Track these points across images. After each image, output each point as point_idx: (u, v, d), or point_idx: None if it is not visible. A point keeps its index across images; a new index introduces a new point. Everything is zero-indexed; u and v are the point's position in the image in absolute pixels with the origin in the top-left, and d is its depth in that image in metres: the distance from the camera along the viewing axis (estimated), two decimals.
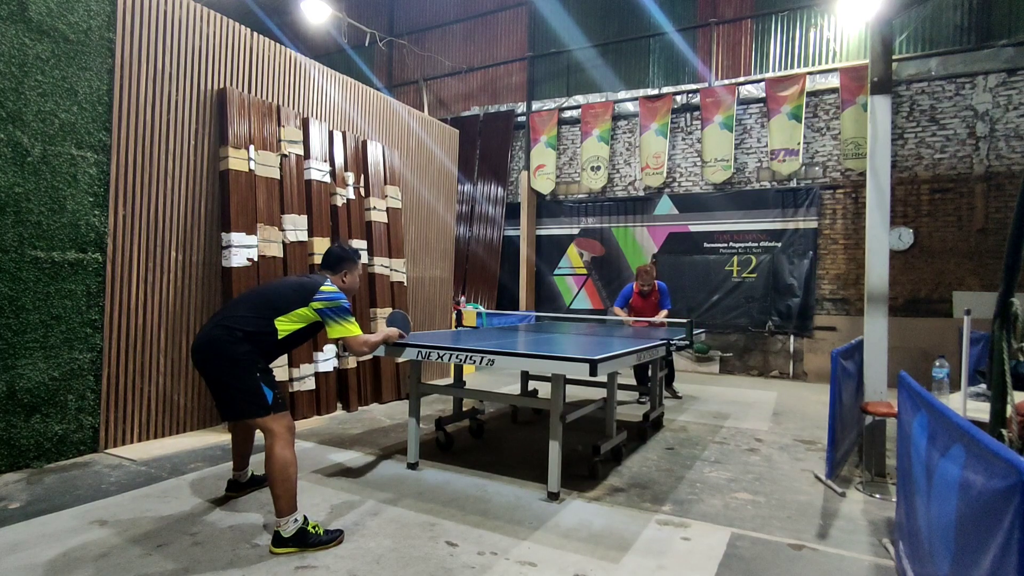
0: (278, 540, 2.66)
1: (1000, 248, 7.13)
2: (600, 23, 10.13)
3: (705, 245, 9.10)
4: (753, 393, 7.19)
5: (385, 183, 6.34)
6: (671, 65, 9.59)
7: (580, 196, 10.20)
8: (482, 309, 9.04)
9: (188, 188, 4.64)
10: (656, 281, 6.46)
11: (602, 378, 3.55)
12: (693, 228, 9.20)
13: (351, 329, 2.96)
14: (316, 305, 2.92)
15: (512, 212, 10.64)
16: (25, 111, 3.62)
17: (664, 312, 6.35)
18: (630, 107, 9.74)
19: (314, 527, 2.73)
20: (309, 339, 3.13)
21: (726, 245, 8.96)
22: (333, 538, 2.74)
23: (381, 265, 6.10)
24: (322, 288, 2.95)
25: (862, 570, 2.63)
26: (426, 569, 2.53)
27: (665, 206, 9.43)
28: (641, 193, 9.66)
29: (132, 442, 4.23)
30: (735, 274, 8.89)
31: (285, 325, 2.91)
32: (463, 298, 10.09)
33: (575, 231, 10.26)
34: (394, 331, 3.50)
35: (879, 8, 4.17)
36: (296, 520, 2.68)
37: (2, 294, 3.52)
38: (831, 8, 8.35)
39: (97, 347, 4.01)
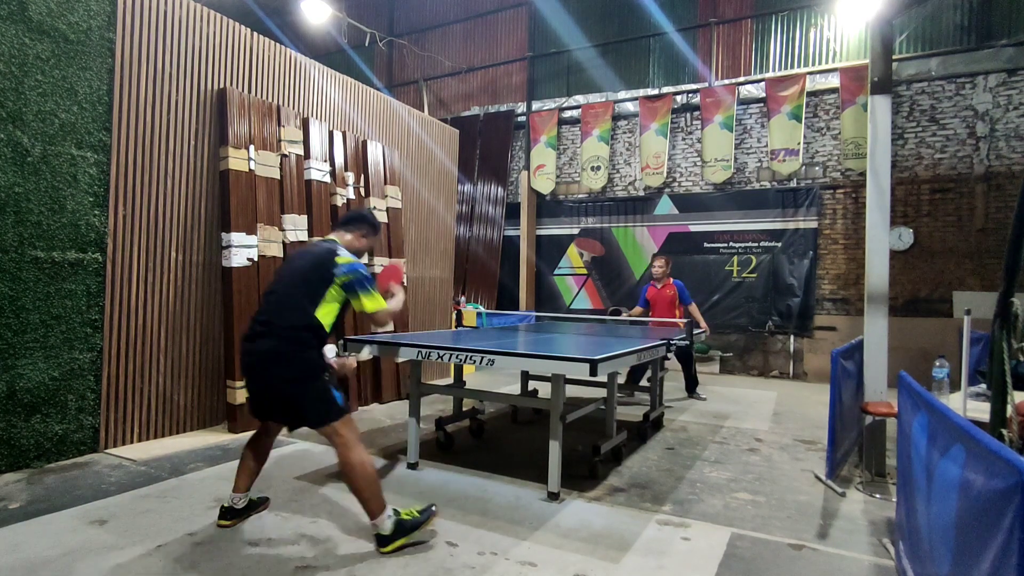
0: (382, 541, 2.63)
1: (1000, 248, 7.13)
2: (600, 23, 10.13)
3: (705, 245, 9.10)
4: (753, 393, 7.18)
5: (385, 183, 6.34)
6: (671, 65, 9.59)
7: (580, 196, 10.19)
8: (482, 309, 9.04)
9: (188, 188, 4.64)
10: (671, 278, 6.63)
11: (602, 378, 3.55)
12: (693, 228, 9.20)
13: (379, 301, 2.81)
14: (341, 280, 2.74)
15: (512, 212, 10.64)
16: (25, 111, 3.62)
17: (693, 306, 6.50)
18: (630, 107, 9.74)
19: (407, 513, 2.72)
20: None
21: (726, 245, 8.96)
22: (429, 514, 2.77)
23: (381, 265, 6.10)
24: (339, 260, 2.76)
25: (862, 570, 2.63)
26: (426, 569, 2.53)
27: (665, 206, 9.43)
28: (641, 193, 9.66)
29: (132, 442, 4.23)
30: (735, 274, 8.89)
31: (327, 314, 2.76)
32: (463, 298, 10.09)
33: (575, 231, 10.26)
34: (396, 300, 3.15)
35: (879, 8, 4.16)
36: (389, 516, 2.64)
37: (2, 294, 3.52)
38: (831, 8, 8.34)
39: (97, 347, 4.01)
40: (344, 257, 2.78)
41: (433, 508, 2.82)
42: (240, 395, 4.66)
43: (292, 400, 2.68)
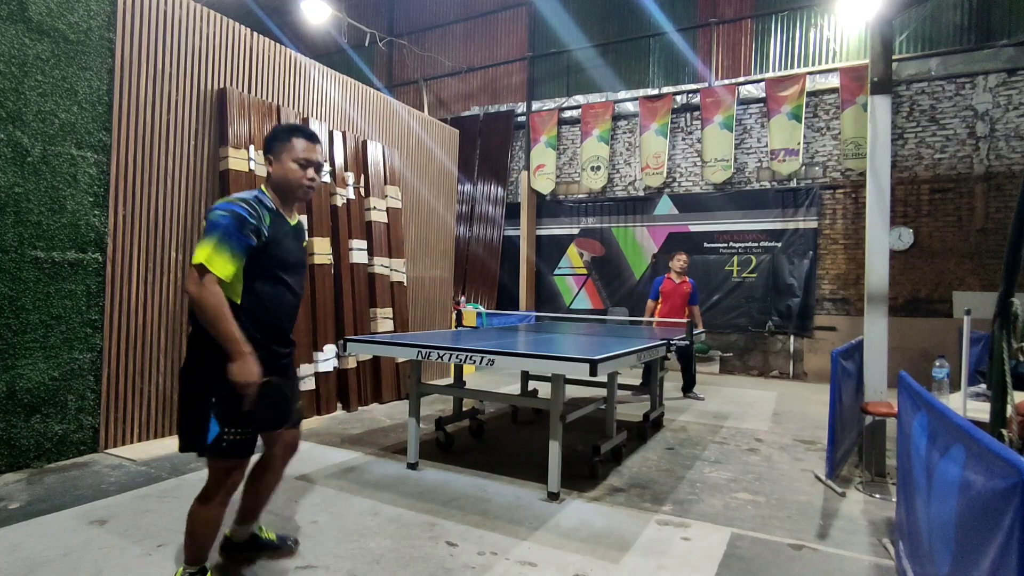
0: None
1: (1000, 248, 7.13)
2: (600, 23, 10.13)
3: (705, 245, 9.10)
4: (753, 393, 7.19)
5: (385, 183, 6.34)
6: (671, 65, 9.59)
7: (580, 196, 10.19)
8: (482, 309, 9.04)
9: (188, 188, 4.64)
10: (687, 277, 6.79)
11: (602, 378, 3.55)
12: (693, 228, 9.20)
13: (199, 253, 2.00)
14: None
15: (512, 212, 10.64)
16: (25, 111, 3.62)
17: (696, 307, 6.75)
18: (630, 107, 9.74)
19: None
20: (278, 280, 2.22)
21: (726, 245, 8.96)
22: None
23: (381, 265, 6.09)
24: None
25: (862, 570, 2.63)
26: (426, 569, 2.53)
27: (665, 206, 9.43)
28: (641, 193, 9.66)
29: (132, 442, 4.23)
30: (735, 274, 8.89)
31: (231, 285, 2.10)
32: (463, 298, 10.09)
33: (575, 231, 10.26)
34: (250, 367, 2.03)
35: (879, 8, 4.16)
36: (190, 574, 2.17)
37: (2, 294, 3.52)
38: (831, 8, 8.35)
39: (97, 347, 4.01)
40: (225, 199, 2.16)
41: None
42: None
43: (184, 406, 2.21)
